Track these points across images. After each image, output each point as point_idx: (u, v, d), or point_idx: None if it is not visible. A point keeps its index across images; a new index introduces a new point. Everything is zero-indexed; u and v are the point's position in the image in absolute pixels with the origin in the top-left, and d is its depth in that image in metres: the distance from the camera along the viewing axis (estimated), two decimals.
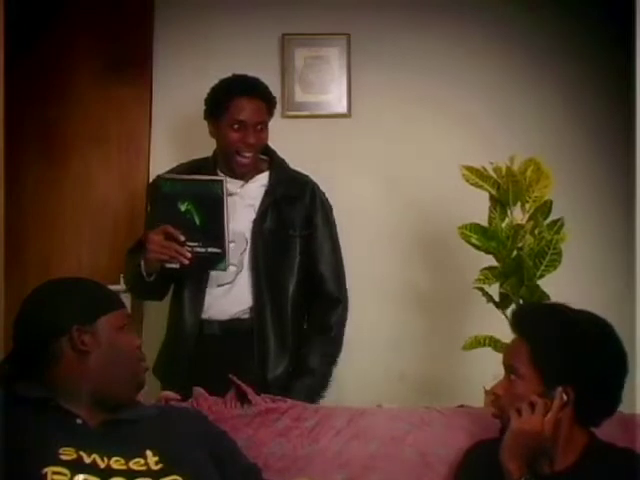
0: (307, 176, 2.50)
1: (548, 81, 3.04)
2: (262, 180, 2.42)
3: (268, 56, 3.01)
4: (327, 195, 2.52)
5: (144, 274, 2.22)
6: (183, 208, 2.13)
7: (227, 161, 2.39)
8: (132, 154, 3.00)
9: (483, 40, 3.04)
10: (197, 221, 2.14)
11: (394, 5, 3.05)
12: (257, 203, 2.38)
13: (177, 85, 3.01)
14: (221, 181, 2.19)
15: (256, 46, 3.01)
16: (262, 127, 2.36)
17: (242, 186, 2.40)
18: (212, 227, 2.16)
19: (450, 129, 3.01)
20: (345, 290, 2.47)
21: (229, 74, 2.43)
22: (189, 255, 2.14)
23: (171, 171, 2.48)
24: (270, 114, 2.41)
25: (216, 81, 2.42)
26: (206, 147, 2.54)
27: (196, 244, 2.15)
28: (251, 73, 2.41)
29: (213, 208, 2.15)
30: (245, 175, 2.40)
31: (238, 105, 2.32)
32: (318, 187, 2.48)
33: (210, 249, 2.17)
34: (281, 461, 1.72)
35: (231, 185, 2.36)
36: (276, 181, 2.41)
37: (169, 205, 2.11)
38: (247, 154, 2.35)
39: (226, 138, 2.35)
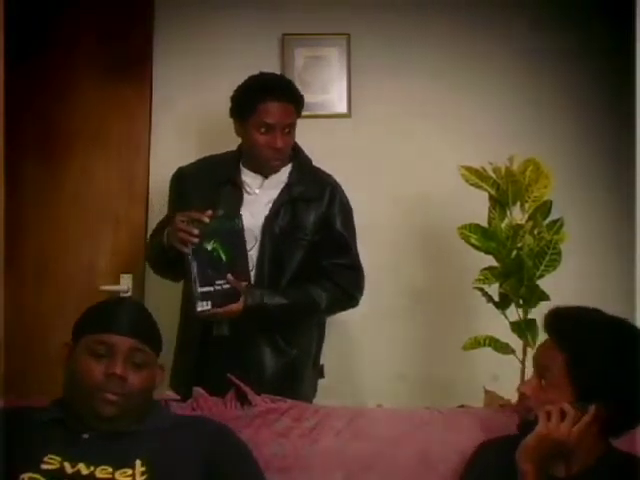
0: (329, 176, 2.46)
1: (548, 81, 3.04)
2: (282, 175, 2.38)
3: (268, 56, 3.01)
4: None
5: (165, 248, 2.21)
6: (210, 247, 2.16)
7: (253, 159, 2.36)
8: (132, 153, 3.00)
9: (483, 41, 3.05)
10: (224, 258, 2.17)
11: (394, 5, 3.05)
12: (274, 199, 2.35)
13: (177, 85, 3.02)
14: (238, 216, 2.23)
15: (256, 46, 3.01)
16: (290, 130, 2.34)
17: (261, 184, 2.37)
18: (237, 262, 2.20)
19: (450, 129, 3.02)
20: (360, 288, 2.43)
21: (229, 74, 2.43)
22: (195, 240, 2.14)
23: (194, 164, 2.48)
24: (297, 115, 2.38)
25: (216, 80, 2.42)
26: (206, 146, 2.54)
27: (224, 282, 2.17)
28: (251, 73, 2.41)
29: (235, 243, 2.20)
30: (272, 171, 2.37)
31: (267, 108, 2.28)
32: (339, 188, 2.43)
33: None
34: (282, 461, 1.72)
35: (252, 182, 2.37)
36: (296, 179, 2.38)
37: (198, 246, 2.14)
38: (274, 160, 2.33)
39: (253, 140, 2.31)
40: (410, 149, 3.02)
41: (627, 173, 2.45)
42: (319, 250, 2.35)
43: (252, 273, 2.29)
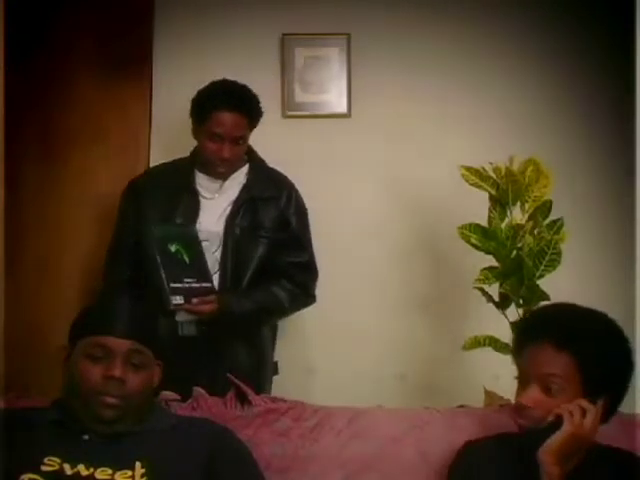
0: (285, 176, 2.52)
1: (548, 81, 3.04)
2: (240, 177, 2.44)
3: (268, 56, 3.01)
4: (326, 196, 2.52)
5: None
6: (173, 249, 2.25)
7: (205, 165, 2.42)
8: (132, 153, 3.00)
9: (483, 40, 3.05)
10: (187, 259, 2.27)
11: (394, 5, 3.05)
12: (233, 200, 2.41)
13: (177, 84, 3.01)
14: (193, 226, 2.35)
15: (256, 46, 3.01)
16: (241, 142, 2.38)
17: (220, 188, 2.42)
18: (199, 264, 2.29)
19: (450, 129, 3.01)
20: (314, 286, 2.49)
21: (229, 74, 2.43)
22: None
23: (150, 171, 2.56)
24: (252, 127, 2.41)
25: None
26: None
27: (191, 280, 2.25)
28: (251, 73, 2.42)
29: (195, 247, 2.30)
30: (223, 176, 2.43)
31: (218, 119, 2.33)
32: (295, 188, 2.50)
33: (203, 284, 2.28)
34: (282, 461, 1.72)
35: (209, 186, 2.42)
36: (253, 179, 2.44)
37: (162, 246, 2.24)
38: (221, 168, 2.38)
39: (203, 146, 2.38)
40: (410, 149, 3.02)
41: (627, 173, 2.45)
42: (278, 248, 2.41)
43: (217, 274, 2.36)
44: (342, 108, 3.04)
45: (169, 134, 3.01)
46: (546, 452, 1.44)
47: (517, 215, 2.44)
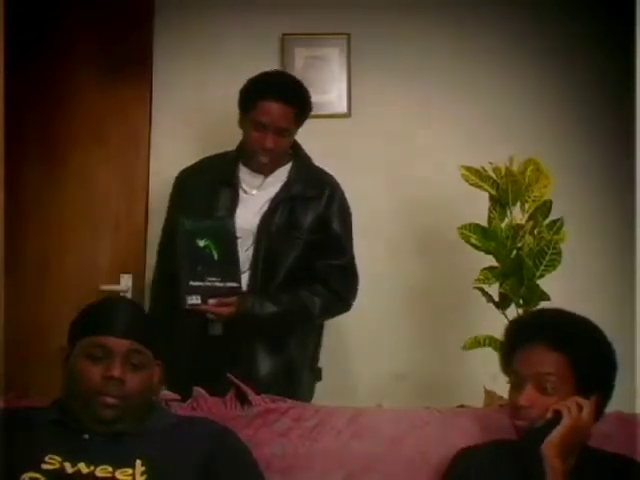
0: (331, 176, 2.44)
1: (548, 81, 3.04)
2: (282, 175, 2.38)
3: (268, 56, 3.01)
4: None
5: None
6: (202, 244, 2.18)
7: (249, 156, 2.36)
8: (132, 154, 3.00)
9: (483, 41, 3.05)
10: (215, 256, 2.19)
11: (394, 5, 3.05)
12: (272, 197, 2.34)
13: (177, 85, 3.02)
14: (231, 219, 2.26)
15: (256, 46, 3.02)
16: (286, 134, 2.32)
17: (261, 183, 2.36)
18: (229, 262, 2.21)
19: (450, 129, 3.02)
20: (353, 292, 2.41)
21: (229, 74, 2.43)
22: None
23: (194, 165, 2.49)
24: (299, 121, 2.35)
25: (216, 81, 2.42)
26: (206, 147, 2.54)
27: (215, 279, 2.18)
28: (251, 73, 2.41)
29: (228, 244, 2.21)
30: (265, 170, 2.37)
31: (265, 107, 2.27)
32: (340, 189, 2.42)
33: (229, 284, 2.21)
34: (282, 461, 1.72)
35: (251, 181, 2.36)
36: (295, 178, 2.37)
37: (190, 241, 2.17)
38: (263, 158, 2.32)
39: (248, 135, 2.32)
40: (410, 149, 3.03)
41: (627, 173, 2.45)
42: (314, 250, 2.33)
43: (247, 273, 2.29)
44: (342, 108, 3.04)
45: (169, 135, 3.01)
46: (549, 446, 1.47)
47: (517, 215, 2.44)
